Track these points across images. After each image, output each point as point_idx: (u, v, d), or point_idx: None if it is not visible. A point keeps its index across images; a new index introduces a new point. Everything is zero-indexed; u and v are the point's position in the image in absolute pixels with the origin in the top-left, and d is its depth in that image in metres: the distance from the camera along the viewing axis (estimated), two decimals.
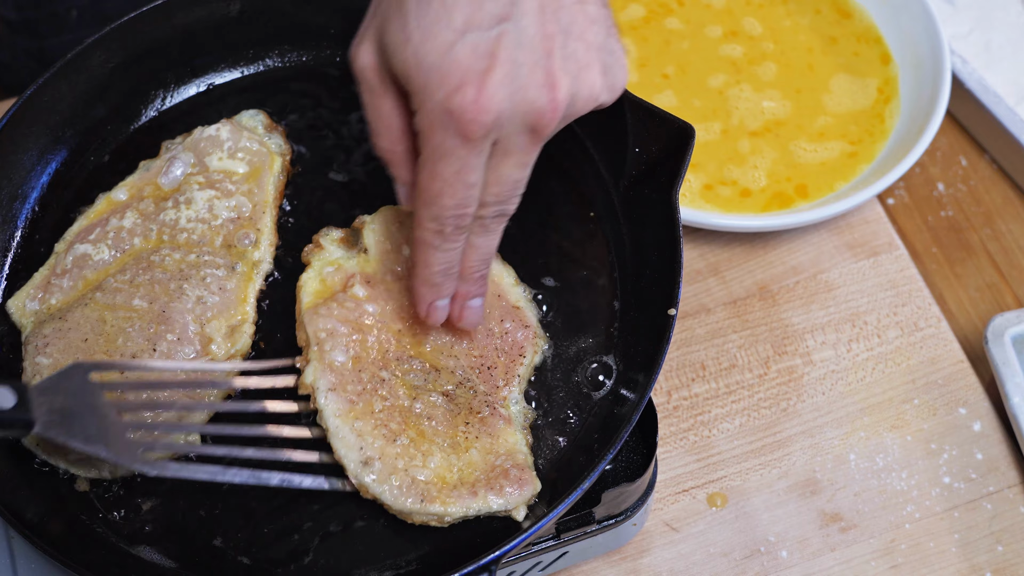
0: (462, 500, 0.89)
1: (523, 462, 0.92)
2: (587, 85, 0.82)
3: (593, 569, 1.07)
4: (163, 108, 1.12)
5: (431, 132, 0.80)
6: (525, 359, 0.96)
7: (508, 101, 0.79)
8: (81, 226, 1.01)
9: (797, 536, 1.09)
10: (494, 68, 0.78)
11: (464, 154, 0.80)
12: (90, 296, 0.96)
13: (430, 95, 0.79)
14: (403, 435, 0.90)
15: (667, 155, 0.98)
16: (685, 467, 1.12)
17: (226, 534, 0.92)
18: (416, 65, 0.79)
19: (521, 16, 0.79)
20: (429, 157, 0.81)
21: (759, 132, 1.26)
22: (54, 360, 0.94)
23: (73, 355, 0.94)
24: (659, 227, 0.96)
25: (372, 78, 0.83)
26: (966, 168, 1.32)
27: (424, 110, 0.80)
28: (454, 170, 0.81)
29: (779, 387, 1.16)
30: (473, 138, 0.79)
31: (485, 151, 0.81)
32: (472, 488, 0.89)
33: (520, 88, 0.79)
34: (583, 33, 0.82)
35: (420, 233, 0.85)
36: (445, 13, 0.78)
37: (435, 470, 0.90)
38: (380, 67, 0.82)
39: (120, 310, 0.95)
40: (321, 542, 0.91)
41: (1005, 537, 1.09)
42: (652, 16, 1.34)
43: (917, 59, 1.28)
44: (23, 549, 1.02)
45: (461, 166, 0.80)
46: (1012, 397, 1.10)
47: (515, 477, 0.90)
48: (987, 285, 1.25)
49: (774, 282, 1.22)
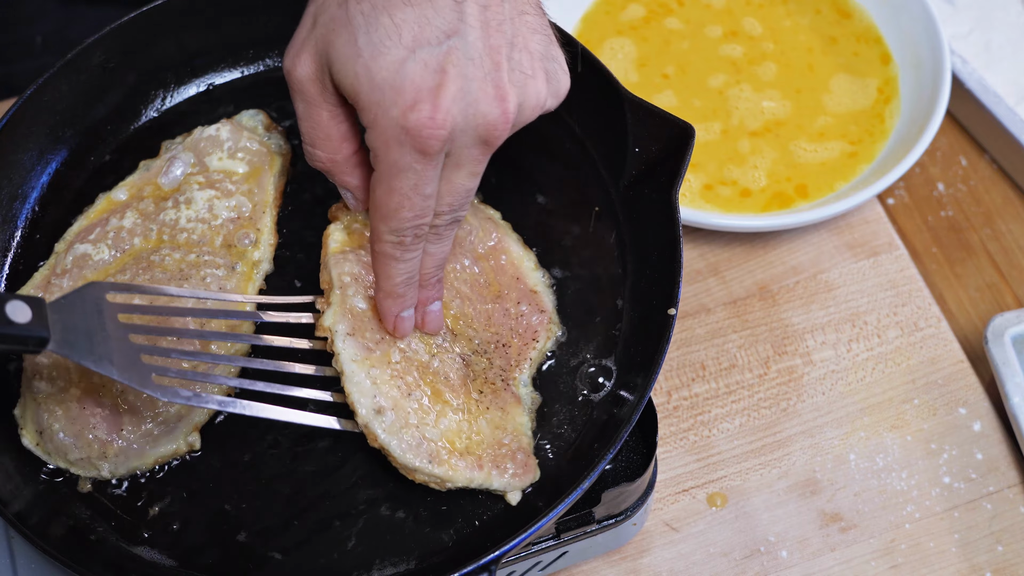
0: (468, 470, 0.90)
1: (527, 447, 0.93)
2: (534, 94, 0.84)
3: (593, 569, 1.07)
4: (163, 108, 1.12)
5: (386, 149, 0.81)
6: (538, 343, 0.97)
7: (461, 116, 0.80)
8: (81, 226, 1.02)
9: (797, 536, 1.09)
10: (446, 84, 0.79)
11: (420, 168, 0.81)
12: None
13: (384, 112, 0.80)
14: (418, 390, 0.91)
15: (667, 155, 0.98)
16: (685, 467, 1.12)
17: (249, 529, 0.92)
18: (368, 80, 0.80)
19: (468, 31, 0.80)
20: (386, 173, 0.82)
21: (759, 132, 1.26)
22: (54, 360, 0.94)
23: None
24: (659, 227, 0.96)
25: (311, 89, 0.85)
26: (966, 168, 1.32)
27: (378, 127, 0.81)
28: (411, 184, 0.82)
29: (779, 387, 1.16)
30: (430, 153, 0.80)
31: (440, 164, 0.82)
32: (479, 460, 0.90)
33: (472, 103, 0.81)
34: (527, 43, 0.84)
35: (380, 247, 0.87)
36: (395, 29, 0.79)
37: (445, 432, 0.90)
38: (320, 79, 0.84)
39: None
40: (319, 540, 0.92)
41: (1005, 537, 1.09)
42: (652, 16, 1.34)
43: (917, 59, 1.28)
44: (23, 549, 1.02)
45: (418, 180, 0.82)
46: (1012, 397, 1.10)
47: (520, 461, 0.91)
48: (987, 285, 1.25)
49: (774, 282, 1.22)
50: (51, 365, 0.94)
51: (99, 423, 0.92)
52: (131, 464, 0.93)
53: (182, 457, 0.94)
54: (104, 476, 0.93)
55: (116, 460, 0.92)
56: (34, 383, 0.93)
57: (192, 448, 0.94)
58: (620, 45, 1.31)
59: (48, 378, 0.93)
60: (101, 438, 0.92)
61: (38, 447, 0.93)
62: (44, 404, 0.93)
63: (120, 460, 0.92)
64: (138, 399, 0.93)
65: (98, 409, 0.92)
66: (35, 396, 0.93)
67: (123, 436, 0.92)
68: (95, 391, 0.93)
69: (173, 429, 0.93)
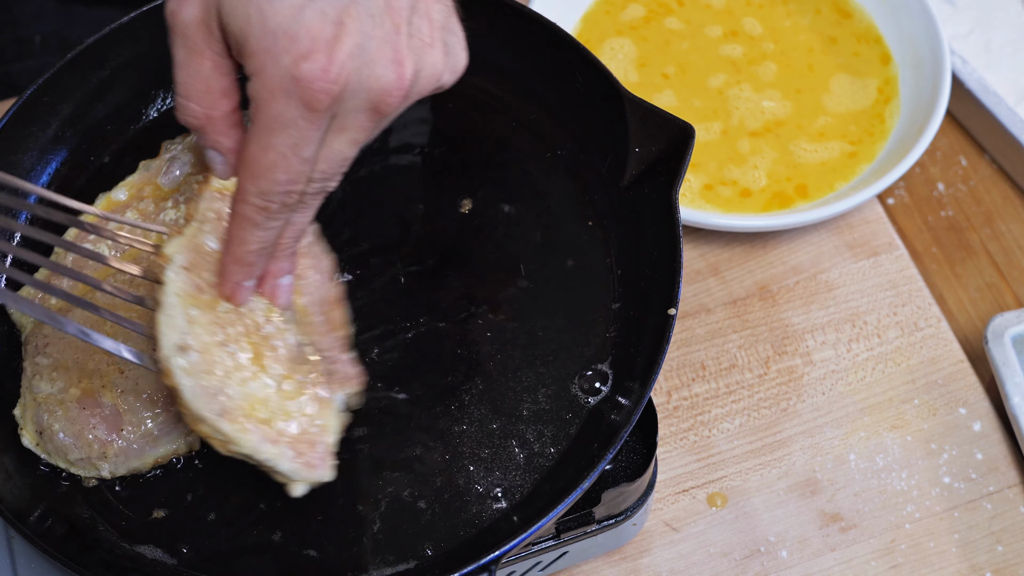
0: (259, 440, 0.83)
1: (330, 446, 0.87)
2: (430, 64, 0.80)
3: (593, 569, 1.07)
4: (163, 108, 1.12)
5: (271, 99, 0.75)
6: (349, 390, 0.93)
7: (355, 74, 0.75)
8: None
9: (797, 536, 1.09)
10: (343, 37, 0.74)
11: (304, 126, 0.76)
12: (91, 296, 0.96)
13: (274, 59, 0.74)
14: (237, 345, 0.84)
15: (667, 155, 0.98)
16: (685, 467, 1.12)
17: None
18: (260, 24, 0.74)
19: None
20: (264, 127, 0.76)
21: (759, 132, 1.26)
22: (54, 360, 0.94)
23: (73, 355, 0.94)
24: (659, 227, 0.96)
25: (196, 34, 0.78)
26: (966, 168, 1.32)
27: (265, 74, 0.75)
28: (291, 142, 0.76)
29: (779, 387, 1.16)
30: (317, 108, 0.75)
31: (324, 125, 0.77)
32: (276, 435, 0.84)
33: (368, 62, 0.76)
34: (428, 10, 0.80)
35: (242, 208, 0.79)
36: None
37: (249, 396, 0.84)
38: (206, 23, 0.77)
39: (119, 310, 0.95)
40: (317, 536, 0.92)
41: (1005, 537, 1.09)
42: (652, 16, 1.34)
43: (917, 59, 1.28)
44: (23, 549, 1.02)
45: (299, 138, 0.76)
46: (1012, 397, 1.10)
47: (319, 454, 0.85)
48: (987, 285, 1.25)
49: (774, 282, 1.22)
50: (51, 365, 0.94)
51: (99, 423, 0.92)
52: (131, 464, 0.93)
53: (182, 456, 0.95)
54: (104, 476, 0.93)
55: (116, 460, 0.92)
56: (34, 383, 0.94)
57: (192, 448, 0.94)
58: (620, 45, 1.31)
59: (48, 378, 0.93)
60: (101, 438, 0.92)
61: (38, 447, 0.93)
62: (44, 404, 0.93)
63: (120, 460, 0.92)
64: (138, 399, 0.93)
65: (98, 409, 0.92)
66: (35, 396, 0.93)
67: (123, 436, 0.92)
68: (95, 392, 0.93)
69: (173, 429, 0.93)
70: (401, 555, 0.91)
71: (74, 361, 0.94)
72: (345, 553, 0.91)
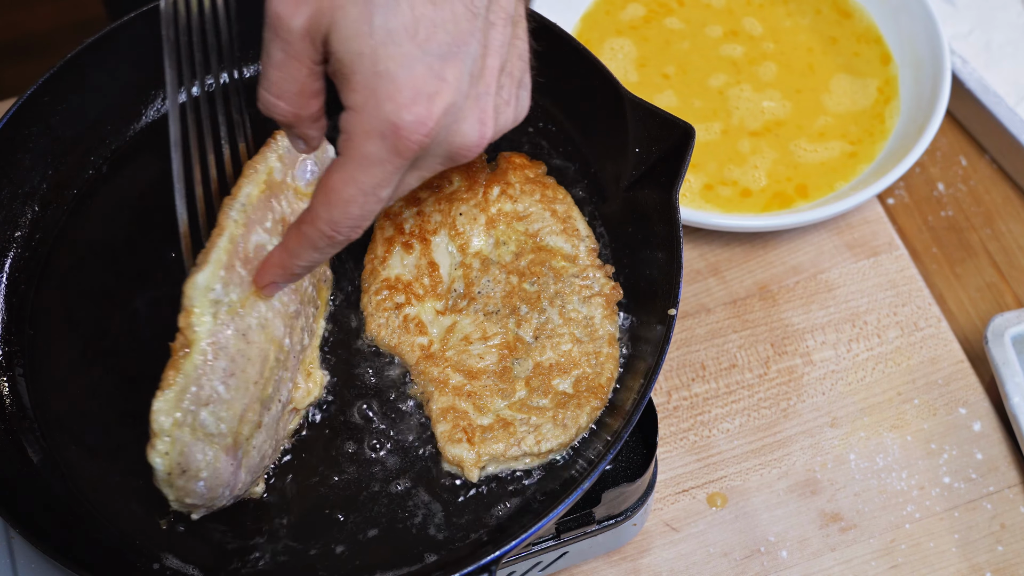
0: None
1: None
2: (504, 120, 0.84)
3: (593, 569, 1.07)
4: (163, 108, 1.12)
5: (365, 138, 0.78)
6: None
7: (444, 129, 0.79)
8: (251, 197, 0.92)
9: (797, 536, 1.09)
10: (443, 93, 0.78)
11: (391, 169, 0.79)
12: None
13: (377, 102, 0.77)
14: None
15: (667, 155, 0.98)
16: (685, 467, 1.12)
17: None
18: (372, 64, 0.77)
19: (474, 46, 0.79)
20: (352, 160, 0.79)
21: (759, 132, 1.26)
22: (231, 397, 0.87)
23: (243, 398, 0.88)
24: (659, 227, 0.96)
25: (299, 42, 0.79)
26: (966, 168, 1.32)
27: (365, 114, 0.78)
28: (375, 182, 0.79)
29: (779, 387, 1.16)
30: (406, 156, 0.78)
31: (406, 169, 0.80)
32: None
33: (457, 119, 0.79)
34: (512, 69, 0.84)
35: (309, 230, 0.82)
36: (412, 23, 0.77)
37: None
38: (311, 35, 0.79)
39: None
40: (319, 535, 0.92)
41: (1005, 537, 1.09)
42: (652, 16, 1.34)
43: (917, 59, 1.28)
44: (23, 549, 1.02)
45: (382, 179, 0.79)
46: (1012, 397, 1.10)
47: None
48: (987, 285, 1.25)
49: (774, 282, 1.22)
50: (227, 403, 0.86)
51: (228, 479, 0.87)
52: None
53: None
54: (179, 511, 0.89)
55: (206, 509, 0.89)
56: (200, 412, 0.85)
57: None
58: (620, 45, 1.31)
59: (216, 416, 0.86)
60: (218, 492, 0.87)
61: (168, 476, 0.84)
62: (206, 442, 0.85)
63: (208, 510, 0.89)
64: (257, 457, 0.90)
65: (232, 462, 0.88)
66: (196, 428, 0.85)
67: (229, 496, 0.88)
68: (240, 444, 0.88)
69: None
70: (402, 554, 0.91)
71: (243, 404, 0.88)
72: (345, 553, 0.91)
